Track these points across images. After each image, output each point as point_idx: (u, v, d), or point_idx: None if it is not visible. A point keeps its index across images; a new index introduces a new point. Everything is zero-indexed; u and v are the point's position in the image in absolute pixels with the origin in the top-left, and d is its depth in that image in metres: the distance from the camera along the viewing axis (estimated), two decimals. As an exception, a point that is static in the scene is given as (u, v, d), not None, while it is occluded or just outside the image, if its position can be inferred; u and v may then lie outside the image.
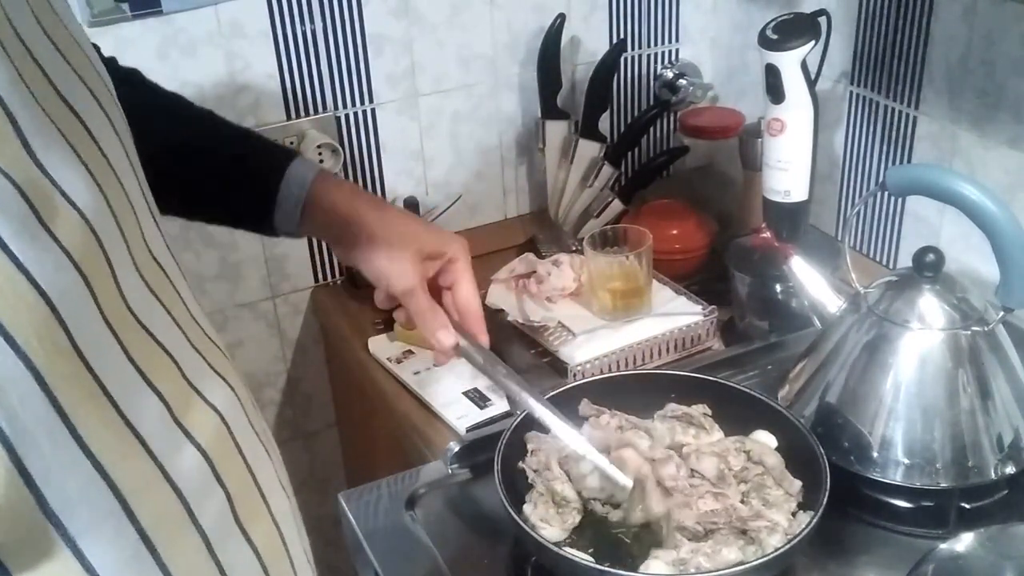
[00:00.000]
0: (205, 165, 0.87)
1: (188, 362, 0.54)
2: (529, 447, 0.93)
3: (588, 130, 1.44)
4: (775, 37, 1.13)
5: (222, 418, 0.55)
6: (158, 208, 0.59)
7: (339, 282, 1.48)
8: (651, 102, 1.59)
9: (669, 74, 1.57)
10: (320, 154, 1.37)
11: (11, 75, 0.44)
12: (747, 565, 0.79)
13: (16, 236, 0.41)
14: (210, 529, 0.51)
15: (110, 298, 0.47)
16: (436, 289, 0.89)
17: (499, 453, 0.90)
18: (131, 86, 0.75)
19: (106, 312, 0.46)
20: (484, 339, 0.88)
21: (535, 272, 1.30)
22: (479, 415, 1.12)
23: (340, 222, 0.87)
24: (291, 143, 1.36)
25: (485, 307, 1.11)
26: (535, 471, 0.91)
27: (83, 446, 0.44)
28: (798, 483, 0.89)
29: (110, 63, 0.77)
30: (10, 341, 0.41)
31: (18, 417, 0.41)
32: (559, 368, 1.18)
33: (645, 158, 1.60)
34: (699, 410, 0.97)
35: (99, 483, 0.45)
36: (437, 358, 0.89)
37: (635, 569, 0.82)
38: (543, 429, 0.94)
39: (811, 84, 1.15)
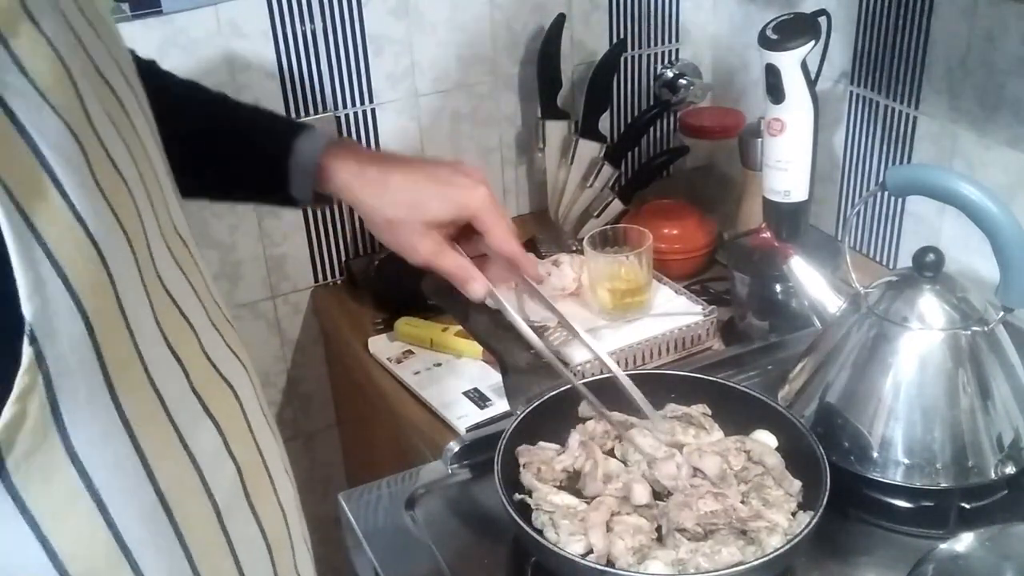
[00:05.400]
0: (220, 148, 0.87)
1: (207, 336, 0.54)
2: (521, 461, 0.92)
3: (588, 130, 1.44)
4: (775, 37, 1.12)
5: (236, 396, 0.55)
6: (180, 191, 0.59)
7: (339, 282, 1.48)
8: (651, 102, 1.59)
9: (669, 74, 1.57)
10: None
11: (70, 41, 0.45)
12: (747, 565, 0.79)
13: (75, 186, 0.42)
14: (222, 500, 0.51)
15: (145, 263, 0.48)
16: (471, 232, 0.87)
17: (499, 453, 0.90)
18: (150, 75, 0.76)
19: (143, 275, 0.47)
20: (532, 273, 0.89)
21: (535, 272, 1.30)
22: (479, 415, 1.12)
23: (348, 200, 0.87)
24: (291, 143, 1.36)
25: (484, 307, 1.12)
26: (528, 491, 0.90)
27: (115, 400, 0.44)
28: (798, 483, 0.89)
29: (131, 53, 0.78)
30: (68, 287, 0.41)
31: (65, 360, 0.42)
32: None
33: (645, 158, 1.60)
34: (699, 410, 0.97)
35: (124, 439, 0.45)
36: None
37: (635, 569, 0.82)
38: (533, 441, 0.94)
39: (811, 84, 1.14)
